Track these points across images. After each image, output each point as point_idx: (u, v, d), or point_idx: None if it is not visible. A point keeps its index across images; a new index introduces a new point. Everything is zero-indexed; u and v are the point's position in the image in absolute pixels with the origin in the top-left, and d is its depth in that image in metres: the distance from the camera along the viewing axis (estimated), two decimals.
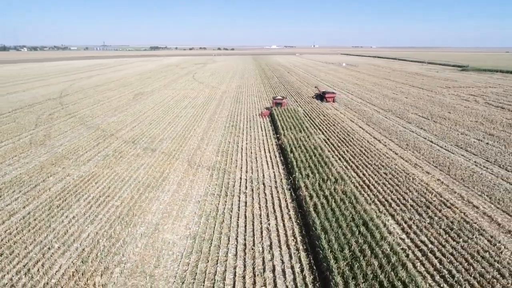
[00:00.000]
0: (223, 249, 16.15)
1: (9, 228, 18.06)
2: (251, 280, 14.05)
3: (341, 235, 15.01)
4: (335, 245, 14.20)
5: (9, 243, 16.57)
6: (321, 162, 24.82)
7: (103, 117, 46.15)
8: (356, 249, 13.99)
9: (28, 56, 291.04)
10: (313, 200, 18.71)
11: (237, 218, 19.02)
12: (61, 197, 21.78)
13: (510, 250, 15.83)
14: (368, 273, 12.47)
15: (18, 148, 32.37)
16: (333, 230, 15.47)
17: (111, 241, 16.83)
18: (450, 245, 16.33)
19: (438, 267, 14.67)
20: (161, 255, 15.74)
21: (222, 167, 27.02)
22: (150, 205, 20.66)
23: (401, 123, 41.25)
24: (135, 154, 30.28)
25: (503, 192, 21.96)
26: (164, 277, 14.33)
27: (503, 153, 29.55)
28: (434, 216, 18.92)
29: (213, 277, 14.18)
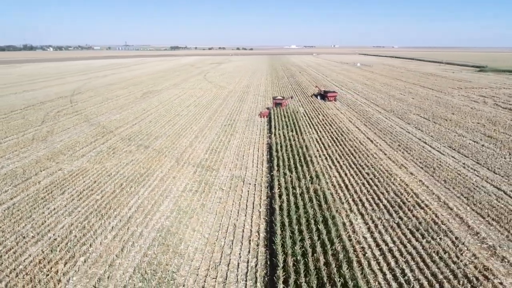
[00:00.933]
0: (186, 242, 16.66)
1: None
2: (204, 272, 14.49)
3: (297, 231, 15.26)
4: (288, 241, 14.46)
5: None
6: (302, 161, 25.02)
7: (107, 114, 47.54)
8: (308, 246, 14.20)
9: (51, 55, 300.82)
10: (282, 197, 18.98)
11: (208, 214, 19.49)
12: (47, 190, 22.81)
13: (471, 251, 15.69)
14: (311, 269, 12.69)
15: (21, 143, 33.88)
16: (291, 227, 15.72)
17: (83, 232, 17.62)
18: (411, 245, 16.31)
19: (392, 266, 14.72)
20: (126, 247, 16.38)
21: (207, 164, 27.57)
22: (128, 199, 21.39)
23: (399, 124, 40.79)
24: (128, 151, 31.22)
25: (483, 195, 21.60)
26: (123, 267, 14.95)
27: (495, 155, 28.91)
28: (404, 217, 18.86)
29: (169, 268, 14.69)
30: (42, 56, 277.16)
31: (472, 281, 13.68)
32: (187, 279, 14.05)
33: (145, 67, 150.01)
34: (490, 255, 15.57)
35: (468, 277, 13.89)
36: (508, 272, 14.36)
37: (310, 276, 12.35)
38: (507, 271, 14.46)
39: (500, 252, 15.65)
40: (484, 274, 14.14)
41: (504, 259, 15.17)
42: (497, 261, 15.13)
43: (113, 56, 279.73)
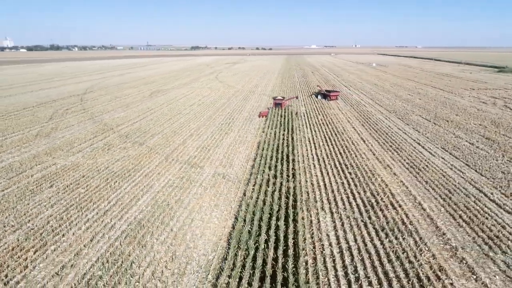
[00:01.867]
0: (153, 235, 17.27)
1: None
2: (164, 263, 15.04)
3: (256, 227, 15.60)
4: (246, 236, 14.84)
5: None
6: (284, 160, 25.26)
7: (112, 112, 48.97)
8: (262, 241, 14.53)
9: (74, 55, 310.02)
10: (253, 195, 19.34)
11: (182, 209, 20.06)
12: (37, 183, 23.95)
13: (431, 252, 15.64)
14: (258, 262, 13.03)
15: (24, 139, 35.46)
16: (252, 222, 16.08)
17: (59, 223, 18.51)
18: (372, 243, 16.39)
19: (346, 264, 14.87)
20: (96, 238, 17.14)
21: (194, 161, 28.18)
22: (110, 193, 22.23)
23: (398, 125, 40.34)
24: (122, 147, 32.23)
25: (462, 196, 21.33)
26: (88, 256, 15.69)
27: (488, 157, 28.32)
28: (373, 216, 18.90)
29: (130, 258, 15.31)
30: (65, 56, 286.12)
31: (422, 281, 13.69)
32: (146, 270, 14.63)
33: (160, 66, 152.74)
34: (450, 256, 15.48)
35: (419, 277, 13.90)
36: (463, 274, 14.28)
37: (255, 269, 12.69)
38: (462, 272, 14.37)
39: (461, 254, 15.53)
40: (437, 275, 14.11)
41: (462, 260, 15.07)
42: (456, 262, 15.04)
43: (133, 56, 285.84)
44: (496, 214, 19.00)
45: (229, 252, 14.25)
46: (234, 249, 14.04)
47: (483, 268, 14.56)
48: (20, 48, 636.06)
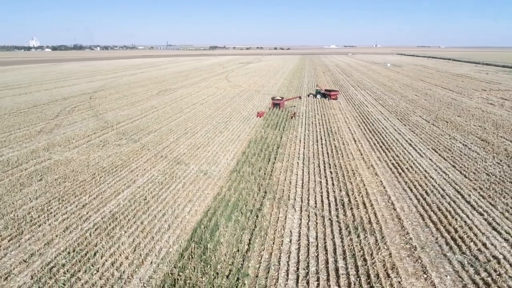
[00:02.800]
0: (122, 228, 17.97)
1: None
2: (126, 254, 15.70)
3: (223, 221, 16.07)
4: (208, 229, 15.34)
5: None
6: (265, 158, 25.61)
7: (117, 111, 50.34)
8: (218, 234, 14.98)
9: (95, 55, 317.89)
10: (230, 191, 19.81)
11: (157, 204, 20.72)
12: (29, 176, 25.13)
13: (389, 251, 15.71)
14: (209, 254, 13.50)
15: (27, 135, 37.04)
16: (215, 216, 16.56)
17: (39, 214, 19.48)
18: (332, 241, 16.59)
19: (300, 259, 15.14)
20: (69, 228, 17.97)
21: (182, 159, 28.87)
22: (93, 187, 23.13)
23: (395, 125, 39.99)
24: (117, 144, 33.26)
25: (438, 197, 21.20)
26: (58, 246, 16.49)
27: (477, 159, 27.87)
28: (341, 215, 19.06)
29: (95, 249, 16.05)
30: (86, 56, 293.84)
31: (370, 278, 13.84)
32: (107, 260, 15.32)
33: (174, 66, 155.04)
34: (407, 255, 15.53)
35: (369, 274, 14.06)
36: (415, 273, 14.33)
37: (209, 263, 13.19)
38: (414, 271, 14.43)
39: (418, 253, 15.56)
40: (387, 273, 14.22)
41: (418, 260, 15.11)
42: (411, 261, 15.09)
43: (150, 56, 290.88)
44: (467, 216, 18.84)
45: (189, 246, 14.75)
46: (194, 244, 14.54)
47: (437, 268, 14.57)
48: (45, 47, 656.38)
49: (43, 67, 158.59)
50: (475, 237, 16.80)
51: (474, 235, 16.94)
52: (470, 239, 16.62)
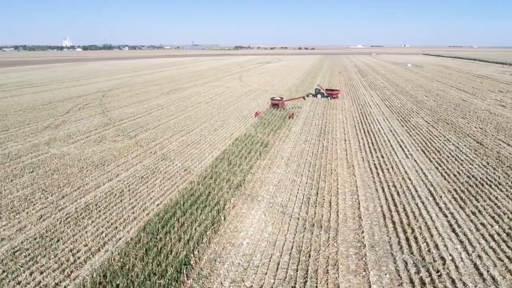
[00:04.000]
0: (91, 218, 19.00)
1: None
2: (90, 244, 16.68)
3: (188, 213, 16.81)
4: (162, 222, 16.10)
5: None
6: (246, 156, 26.12)
7: (124, 108, 52.14)
8: (178, 226, 15.70)
9: (122, 54, 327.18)
10: (199, 185, 20.52)
11: (130, 197, 21.66)
12: (22, 169, 26.75)
13: (337, 247, 15.93)
14: (169, 245, 14.24)
15: (34, 130, 39.16)
16: (181, 209, 17.31)
17: (20, 203, 20.84)
18: (284, 237, 16.94)
19: (246, 253, 15.62)
20: (43, 217, 19.18)
21: (169, 155, 29.82)
22: (78, 180, 24.39)
23: (392, 126, 39.52)
24: (113, 140, 34.67)
25: (408, 198, 21.09)
26: (28, 232, 17.68)
27: (464, 161, 27.33)
28: (303, 212, 19.35)
29: (61, 236, 17.12)
30: (112, 55, 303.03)
31: (308, 273, 14.15)
32: (67, 247, 16.33)
33: (194, 65, 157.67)
34: (354, 253, 15.70)
35: (307, 269, 14.37)
36: (356, 270, 14.52)
37: (150, 245, 13.93)
38: (355, 269, 14.62)
39: (365, 251, 15.70)
40: (327, 269, 14.49)
41: (363, 258, 15.26)
42: (356, 259, 15.27)
43: (174, 55, 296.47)
44: (430, 217, 18.72)
45: (141, 238, 15.54)
46: (147, 235, 15.33)
47: (379, 267, 14.69)
48: (77, 47, 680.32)
49: (69, 66, 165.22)
50: (430, 238, 16.73)
51: (430, 236, 16.86)
52: (424, 239, 16.56)
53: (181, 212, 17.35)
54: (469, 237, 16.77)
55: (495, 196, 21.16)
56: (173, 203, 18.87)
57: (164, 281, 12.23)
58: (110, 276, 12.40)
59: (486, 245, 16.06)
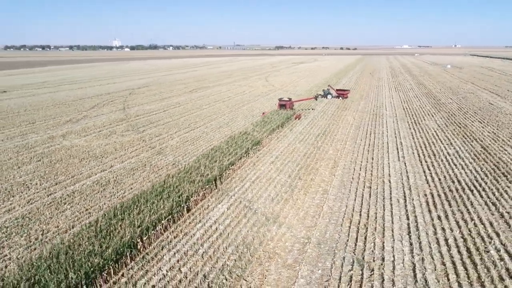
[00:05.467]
0: (70, 203, 20.81)
1: None
2: (53, 226, 18.41)
3: (144, 203, 18.10)
4: (122, 210, 17.47)
5: None
6: (232, 153, 26.97)
7: (144, 105, 54.90)
8: (135, 211, 17.00)
9: (165, 54, 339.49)
10: (173, 179, 21.74)
11: (114, 186, 23.32)
12: (32, 158, 29.41)
13: (283, 241, 16.41)
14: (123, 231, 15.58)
15: (57, 123, 42.54)
16: (144, 198, 18.63)
17: (18, 187, 23.14)
18: (234, 230, 17.66)
19: (210, 244, 16.55)
20: (31, 200, 21.28)
21: (166, 150, 31.37)
22: (74, 169, 26.50)
23: (398, 129, 38.57)
24: (121, 135, 36.93)
25: (378, 200, 20.95)
26: (14, 212, 19.76)
27: (457, 166, 26.39)
28: (262, 208, 19.93)
29: (38, 218, 19.01)
30: (154, 54, 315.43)
31: (242, 263, 14.80)
32: (39, 227, 18.13)
33: (228, 65, 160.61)
34: (297, 248, 16.10)
35: (244, 260, 15.02)
36: (291, 264, 14.93)
37: (101, 229, 15.29)
38: (291, 263, 15.03)
39: (309, 248, 16.05)
40: (262, 261, 15.05)
41: (304, 253, 15.63)
42: (296, 254, 15.67)
43: (214, 55, 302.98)
44: (391, 219, 18.58)
45: (99, 222, 16.96)
46: (105, 220, 16.72)
47: (316, 263, 14.99)
48: (125, 47, 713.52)
49: (112, 65, 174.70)
50: (381, 238, 16.69)
51: (381, 237, 16.82)
52: (373, 240, 16.57)
53: (144, 201, 18.57)
54: (422, 240, 16.55)
55: (471, 201, 20.46)
56: (141, 192, 20.16)
57: (99, 260, 13.42)
58: (58, 253, 13.80)
59: (436, 249, 15.80)
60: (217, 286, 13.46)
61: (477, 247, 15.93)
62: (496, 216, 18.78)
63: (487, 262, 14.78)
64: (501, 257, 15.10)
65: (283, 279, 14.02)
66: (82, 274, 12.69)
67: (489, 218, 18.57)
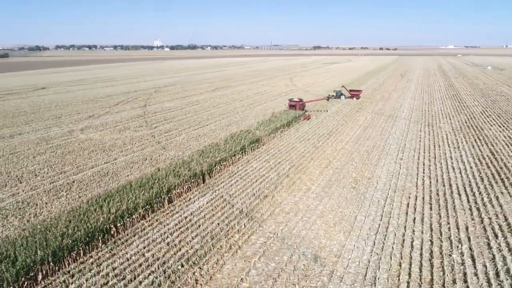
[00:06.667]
0: (66, 191, 22.55)
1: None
2: (46, 210, 20.12)
3: (127, 193, 19.44)
4: (103, 198, 18.86)
5: None
6: (224, 149, 27.82)
7: (165, 103, 57.05)
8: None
9: (201, 53, 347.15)
10: (162, 173, 22.96)
11: (111, 177, 24.88)
12: (48, 149, 31.80)
13: (224, 232, 17.02)
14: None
15: (80, 118, 45.39)
16: (131, 188, 19.95)
17: (28, 175, 25.29)
18: (210, 223, 18.48)
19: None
20: (35, 187, 23.29)
21: (170, 146, 32.77)
22: (81, 160, 28.44)
23: (408, 131, 37.67)
24: (134, 130, 38.90)
25: (358, 198, 20.97)
26: (14, 198, 21.79)
27: (455, 169, 25.73)
28: (239, 203, 20.60)
29: (33, 203, 20.86)
30: (192, 54, 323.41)
31: (204, 251, 15.58)
32: (34, 209, 19.90)
33: (258, 65, 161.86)
34: (260, 244, 16.65)
35: (210, 249, 15.80)
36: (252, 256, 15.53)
37: (80, 213, 16.70)
38: (253, 253, 15.62)
39: (269, 242, 16.54)
40: (231, 247, 15.74)
41: (268, 246, 16.16)
42: (263, 247, 16.22)
43: (249, 55, 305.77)
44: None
45: (81, 207, 18.42)
46: (87, 207, 18.16)
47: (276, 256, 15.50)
48: (165, 47, 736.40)
49: (147, 64, 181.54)
50: (326, 232, 16.85)
51: (326, 229, 16.96)
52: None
53: (127, 191, 19.83)
54: (387, 241, 16.58)
55: (455, 205, 20.05)
56: (126, 183, 21.48)
57: (68, 241, 14.74)
58: (34, 233, 15.30)
59: (398, 251, 15.78)
60: (171, 271, 14.32)
61: (441, 250, 15.70)
62: (476, 222, 18.28)
63: (445, 266, 14.58)
64: (463, 262, 14.82)
65: (236, 270, 14.64)
66: (50, 252, 13.98)
67: (467, 223, 18.13)
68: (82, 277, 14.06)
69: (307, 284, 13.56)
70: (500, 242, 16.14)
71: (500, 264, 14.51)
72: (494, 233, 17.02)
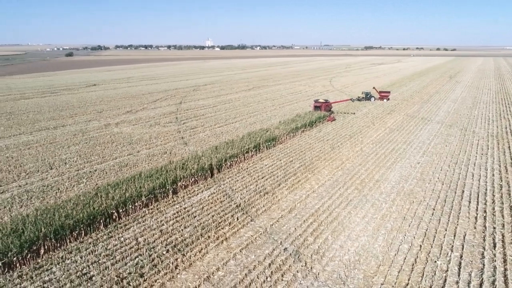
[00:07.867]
0: (86, 178, 24.62)
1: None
2: (64, 194, 22.20)
3: (131, 182, 20.98)
4: (105, 185, 20.51)
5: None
6: (238, 146, 28.63)
7: (198, 101, 59.14)
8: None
9: (249, 53, 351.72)
10: (171, 165, 24.34)
11: (128, 168, 26.70)
12: (82, 140, 34.58)
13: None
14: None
15: (118, 113, 48.56)
16: (139, 178, 21.50)
17: (59, 162, 27.92)
18: (204, 217, 19.38)
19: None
20: (61, 173, 25.68)
21: (191, 141, 34.21)
22: (108, 151, 30.69)
23: (437, 134, 36.06)
24: (163, 125, 40.94)
25: (359, 199, 20.78)
26: (40, 183, 24.23)
27: (474, 175, 24.41)
28: (242, 201, 21.26)
29: (51, 188, 23.08)
30: (240, 54, 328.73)
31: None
32: (56, 194, 22.04)
33: (301, 65, 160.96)
34: (247, 237, 17.23)
35: (198, 238, 16.70)
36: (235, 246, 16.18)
37: (87, 198, 18.39)
38: (243, 241, 16.27)
39: (256, 236, 17.06)
40: (218, 238, 16.54)
41: (253, 240, 16.72)
42: (249, 240, 16.83)
43: (297, 55, 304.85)
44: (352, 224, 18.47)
45: (88, 193, 20.16)
46: (94, 193, 19.88)
47: (263, 247, 16.02)
48: (216, 47, 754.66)
49: (194, 63, 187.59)
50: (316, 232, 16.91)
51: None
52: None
53: (134, 180, 21.32)
54: (375, 243, 16.40)
55: (460, 213, 19.21)
56: (136, 173, 22.98)
57: (71, 221, 16.35)
58: (44, 213, 17.14)
59: (382, 253, 15.59)
60: (156, 255, 15.37)
61: (428, 256, 15.27)
62: (477, 230, 17.45)
63: (426, 272, 14.22)
64: (447, 269, 14.36)
65: (217, 259, 15.36)
66: (52, 229, 15.64)
67: (466, 231, 17.37)
68: (78, 254, 15.55)
69: (278, 277, 13.91)
70: (496, 253, 15.34)
71: (487, 275, 13.87)
72: (493, 243, 16.18)
